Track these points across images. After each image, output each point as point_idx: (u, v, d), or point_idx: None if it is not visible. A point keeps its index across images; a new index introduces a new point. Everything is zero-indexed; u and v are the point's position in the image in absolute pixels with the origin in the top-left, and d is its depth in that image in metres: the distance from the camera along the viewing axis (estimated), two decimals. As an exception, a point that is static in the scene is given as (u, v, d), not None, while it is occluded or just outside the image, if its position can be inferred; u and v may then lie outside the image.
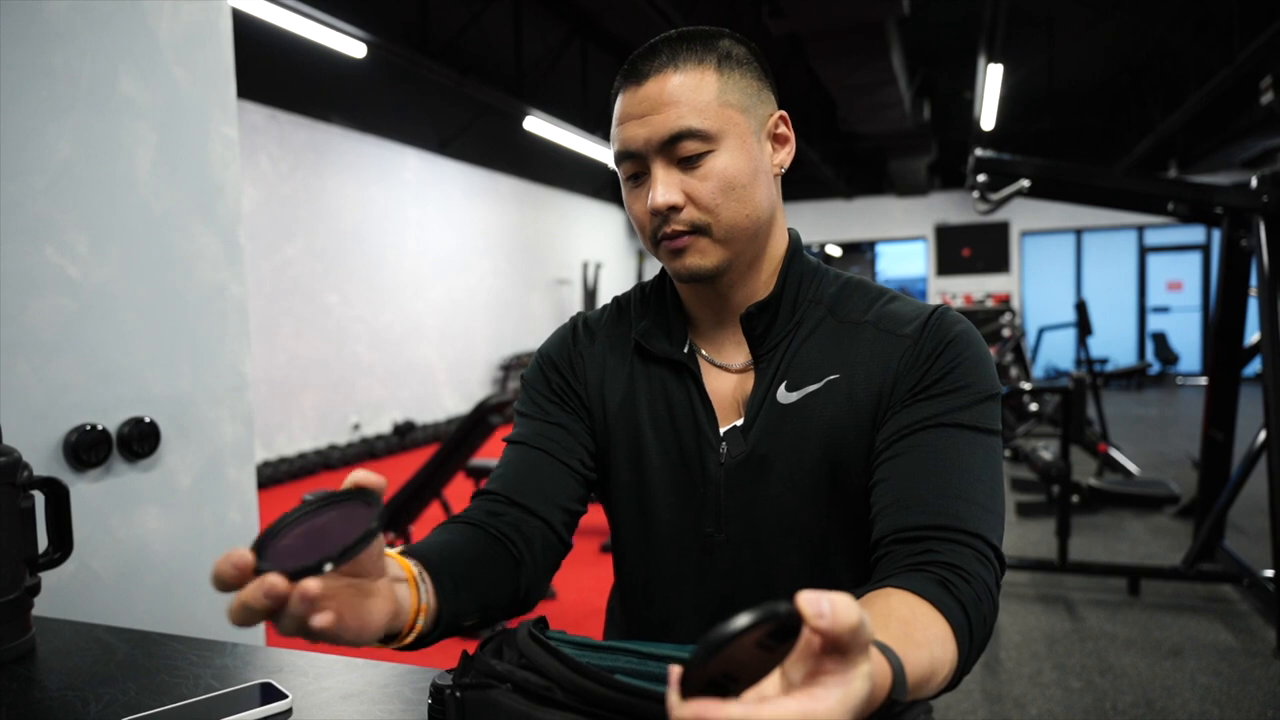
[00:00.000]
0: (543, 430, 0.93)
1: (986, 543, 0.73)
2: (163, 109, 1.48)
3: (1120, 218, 11.67)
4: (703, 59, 0.81)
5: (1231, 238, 3.50)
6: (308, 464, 6.79)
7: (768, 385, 0.85)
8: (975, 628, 0.67)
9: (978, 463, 0.76)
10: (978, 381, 0.80)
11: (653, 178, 0.81)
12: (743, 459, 0.85)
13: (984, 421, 0.78)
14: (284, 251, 6.94)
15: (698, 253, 0.82)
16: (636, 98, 0.81)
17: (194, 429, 1.53)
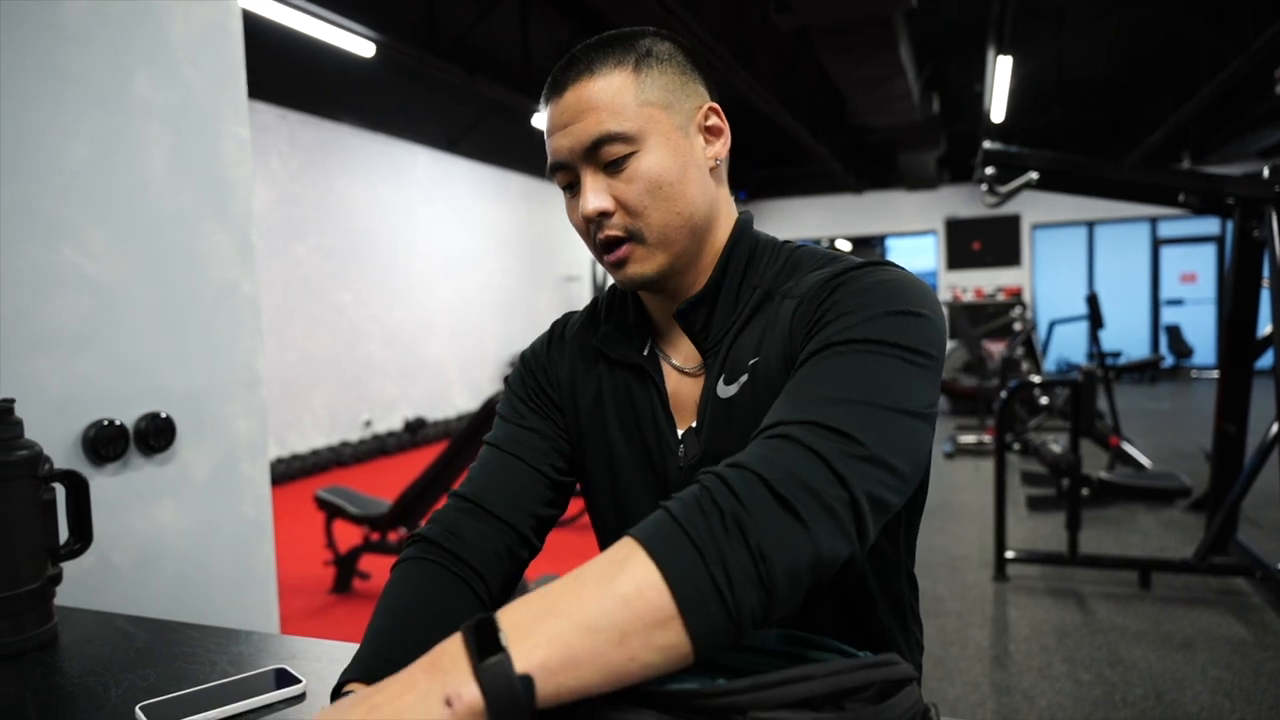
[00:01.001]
0: (516, 435, 0.92)
1: (799, 424, 0.61)
2: (176, 109, 1.50)
3: (1133, 210, 11.59)
4: (620, 61, 0.79)
5: (1243, 229, 3.49)
6: (320, 460, 6.84)
7: (713, 381, 0.83)
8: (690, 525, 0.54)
9: (855, 371, 0.65)
10: (870, 303, 0.70)
11: (581, 185, 0.81)
12: (696, 460, 0.83)
13: (877, 334, 0.67)
14: (295, 250, 6.99)
15: (637, 261, 0.81)
16: (559, 108, 0.80)
17: (208, 424, 1.56)
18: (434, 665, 0.51)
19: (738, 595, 0.52)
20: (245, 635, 1.04)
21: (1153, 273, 12.35)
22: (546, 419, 0.94)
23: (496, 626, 0.51)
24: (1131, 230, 12.35)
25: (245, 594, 1.63)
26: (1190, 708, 2.53)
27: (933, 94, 8.81)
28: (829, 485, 0.57)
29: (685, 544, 0.53)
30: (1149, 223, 12.22)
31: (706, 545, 0.53)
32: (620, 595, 0.51)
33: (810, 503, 0.55)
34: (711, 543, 0.53)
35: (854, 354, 0.66)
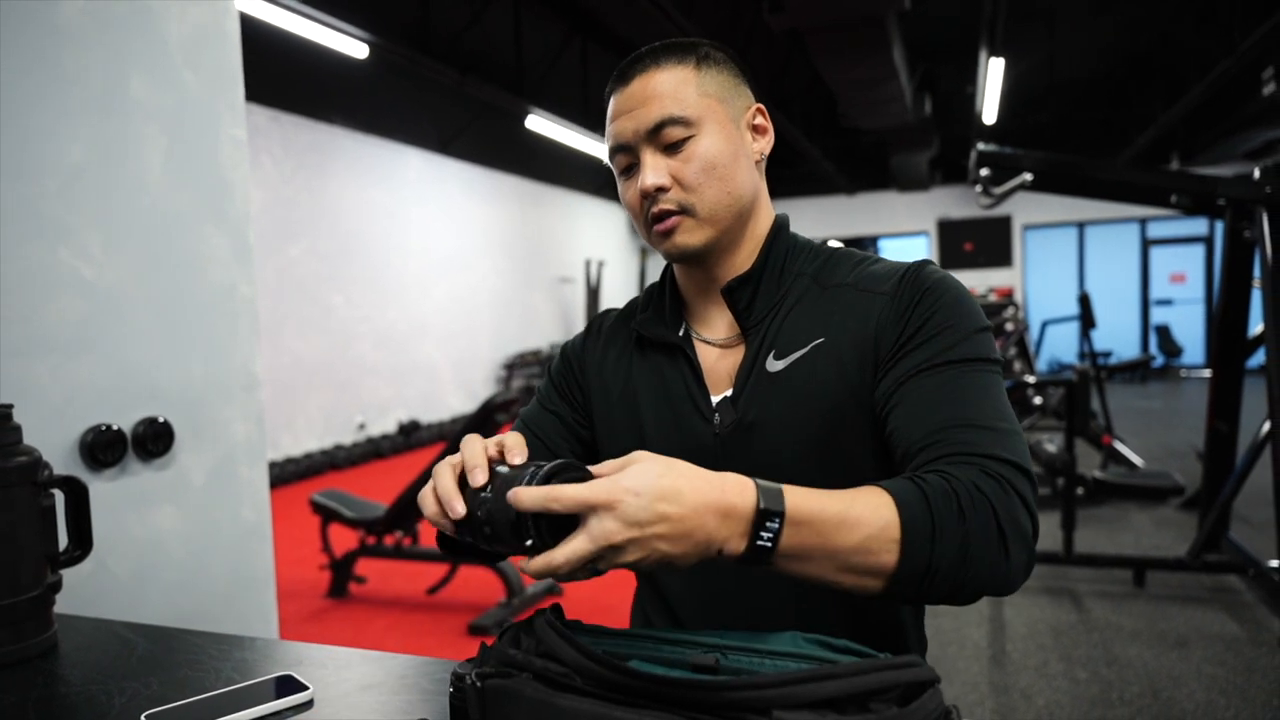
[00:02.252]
0: (540, 416, 1.03)
1: (995, 459, 0.72)
2: (173, 111, 1.49)
3: (1123, 211, 11.65)
4: (682, 59, 0.89)
5: (1234, 229, 3.51)
6: (314, 464, 6.82)
7: (755, 355, 0.90)
8: (938, 511, 0.67)
9: (978, 391, 0.78)
10: (960, 320, 0.82)
11: (641, 164, 0.88)
12: (733, 427, 0.89)
13: (976, 352, 0.80)
14: (288, 253, 6.96)
15: (684, 231, 0.89)
16: (624, 96, 0.89)
17: (207, 428, 1.55)
18: (726, 514, 0.64)
19: (936, 584, 0.67)
20: (248, 641, 1.03)
21: (1142, 273, 12.42)
22: (571, 405, 1.03)
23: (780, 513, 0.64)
24: (1121, 231, 12.42)
25: (244, 599, 1.62)
26: (1186, 705, 2.54)
27: (925, 96, 8.84)
28: (1029, 526, 0.71)
29: (926, 525, 0.67)
30: (1138, 223, 12.29)
31: (939, 531, 0.67)
32: (866, 543, 0.66)
33: (1020, 549, 0.69)
34: (942, 532, 0.67)
35: (977, 374, 0.79)
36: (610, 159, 0.93)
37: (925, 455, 0.74)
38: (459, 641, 3.25)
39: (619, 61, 0.93)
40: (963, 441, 0.73)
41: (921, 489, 0.68)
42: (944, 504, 0.67)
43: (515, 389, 9.96)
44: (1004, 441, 0.74)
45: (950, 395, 0.77)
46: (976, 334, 0.81)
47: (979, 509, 0.68)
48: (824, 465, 0.85)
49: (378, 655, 0.98)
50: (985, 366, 0.80)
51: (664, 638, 0.63)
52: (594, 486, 0.60)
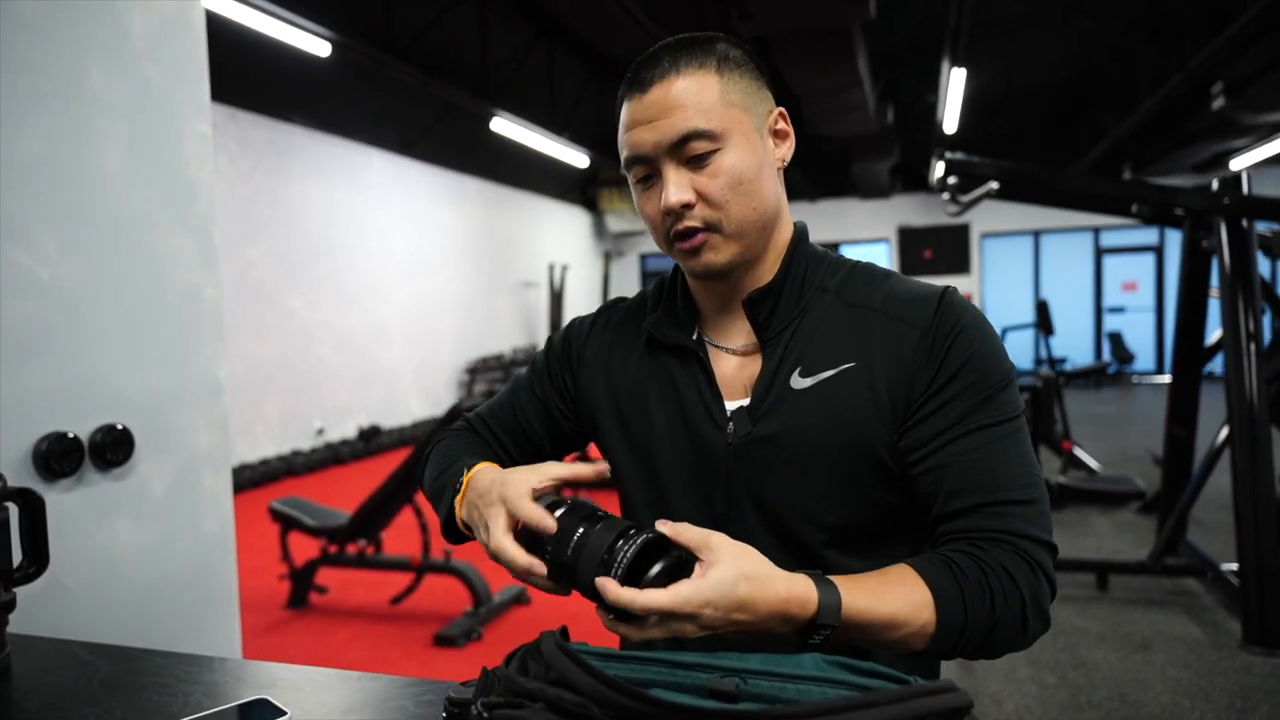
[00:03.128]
0: (528, 400, 1.05)
1: (1029, 539, 0.77)
2: (134, 105, 1.43)
3: (1077, 220, 11.90)
4: (703, 63, 0.85)
5: (1193, 239, 3.58)
6: (271, 470, 6.66)
7: (775, 368, 0.88)
8: (971, 602, 0.74)
9: (1009, 455, 0.80)
10: (992, 371, 0.83)
11: (664, 178, 0.84)
12: (749, 439, 0.87)
13: (1007, 411, 0.82)
14: (246, 254, 6.81)
15: (711, 249, 0.86)
16: (643, 104, 0.85)
17: (168, 436, 1.48)
18: (788, 620, 0.70)
19: (955, 655, 0.77)
20: (217, 663, 0.98)
21: (1095, 281, 12.69)
22: (559, 393, 1.03)
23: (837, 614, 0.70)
24: (1075, 240, 12.69)
25: (206, 615, 1.56)
26: (1153, 708, 2.57)
27: (887, 104, 8.94)
28: (1048, 600, 0.78)
29: (960, 620, 0.75)
30: (1092, 233, 12.56)
31: (970, 624, 0.75)
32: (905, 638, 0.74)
33: (1038, 624, 0.77)
34: (973, 625, 0.75)
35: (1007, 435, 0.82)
36: (626, 168, 0.90)
37: (960, 525, 0.79)
38: (425, 653, 3.18)
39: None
40: (997, 518, 0.78)
41: (960, 585, 0.75)
42: (978, 600, 0.74)
43: (478, 394, 9.85)
44: (1036, 518, 0.79)
45: (984, 464, 0.80)
46: (1005, 388, 0.83)
47: (1010, 601, 0.75)
48: (839, 488, 0.84)
49: (356, 676, 0.94)
50: (1014, 425, 0.82)
51: (677, 661, 0.60)
52: (678, 597, 0.66)
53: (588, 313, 1.08)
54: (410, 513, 3.73)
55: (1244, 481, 2.99)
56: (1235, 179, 3.22)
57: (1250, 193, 3.20)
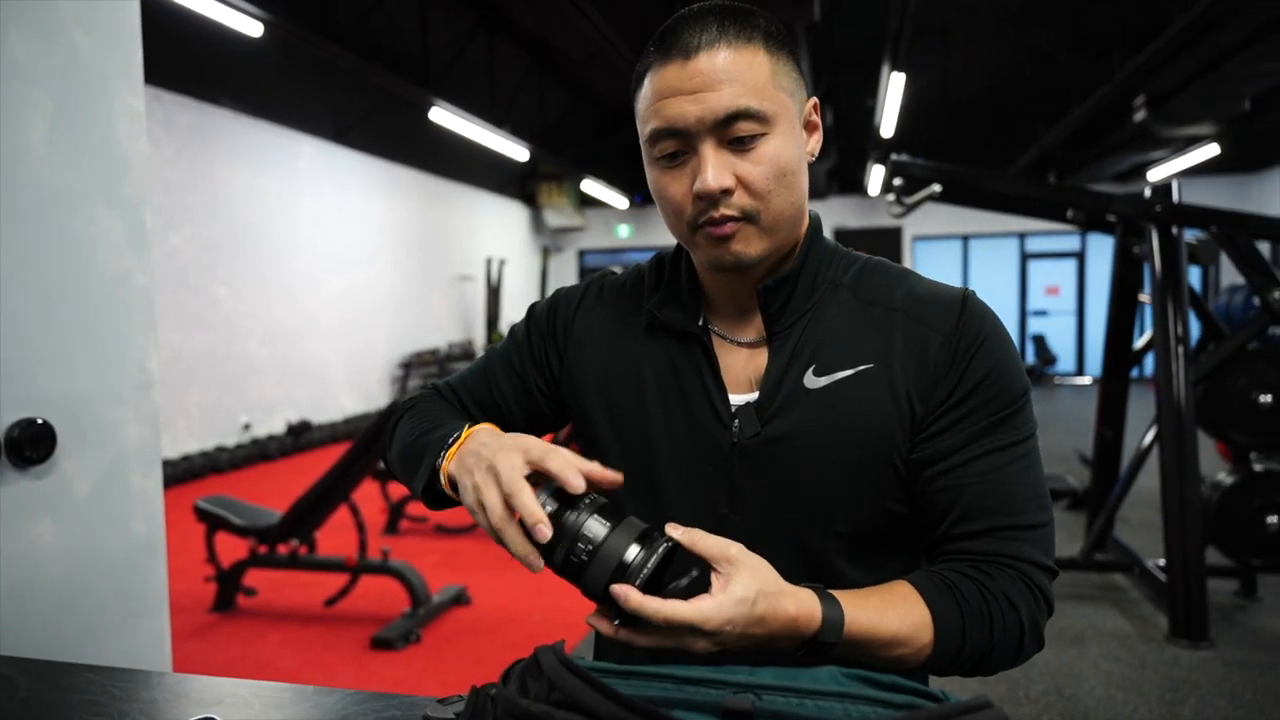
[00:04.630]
0: (505, 377, 0.98)
1: (1034, 565, 0.78)
2: (60, 75, 1.32)
3: (1004, 225, 12.26)
4: (751, 36, 0.77)
5: (1125, 245, 3.69)
6: (193, 467, 6.39)
7: (786, 364, 0.83)
8: (970, 628, 0.74)
9: (1025, 477, 0.79)
10: (1012, 386, 0.80)
11: (702, 158, 0.76)
12: (758, 439, 0.82)
13: (1024, 431, 0.80)
14: (169, 241, 6.52)
15: (743, 241, 0.79)
16: (686, 71, 0.75)
17: (94, 431, 1.38)
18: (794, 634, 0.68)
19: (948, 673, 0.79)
20: (155, 678, 0.90)
21: (1021, 285, 13.09)
22: (539, 371, 0.96)
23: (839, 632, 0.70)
24: (1002, 244, 13.06)
25: (134, 623, 1.45)
26: (1088, 701, 2.63)
27: (827, 108, 9.04)
28: (1044, 621, 0.79)
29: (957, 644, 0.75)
30: (1017, 238, 12.95)
31: (967, 648, 0.76)
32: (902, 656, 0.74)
33: (1033, 646, 0.79)
34: (970, 650, 0.76)
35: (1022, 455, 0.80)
36: (650, 142, 0.80)
37: (967, 546, 0.78)
38: (362, 656, 3.08)
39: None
40: (1006, 542, 0.77)
41: (961, 611, 0.74)
42: (977, 626, 0.74)
43: (412, 388, 9.65)
44: (1043, 542, 0.78)
45: (1002, 488, 0.78)
46: (1024, 407, 0.81)
47: (1009, 627, 0.75)
48: (855, 495, 0.81)
49: (311, 690, 0.87)
50: (1030, 444, 0.81)
51: (686, 677, 0.55)
52: (701, 613, 0.63)
53: (573, 285, 1.01)
54: (346, 511, 3.60)
55: (1171, 480, 3.09)
56: (1166, 188, 3.33)
57: (1180, 201, 3.31)
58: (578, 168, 10.58)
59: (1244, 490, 3.20)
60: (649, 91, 0.79)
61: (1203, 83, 6.40)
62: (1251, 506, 3.19)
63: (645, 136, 0.80)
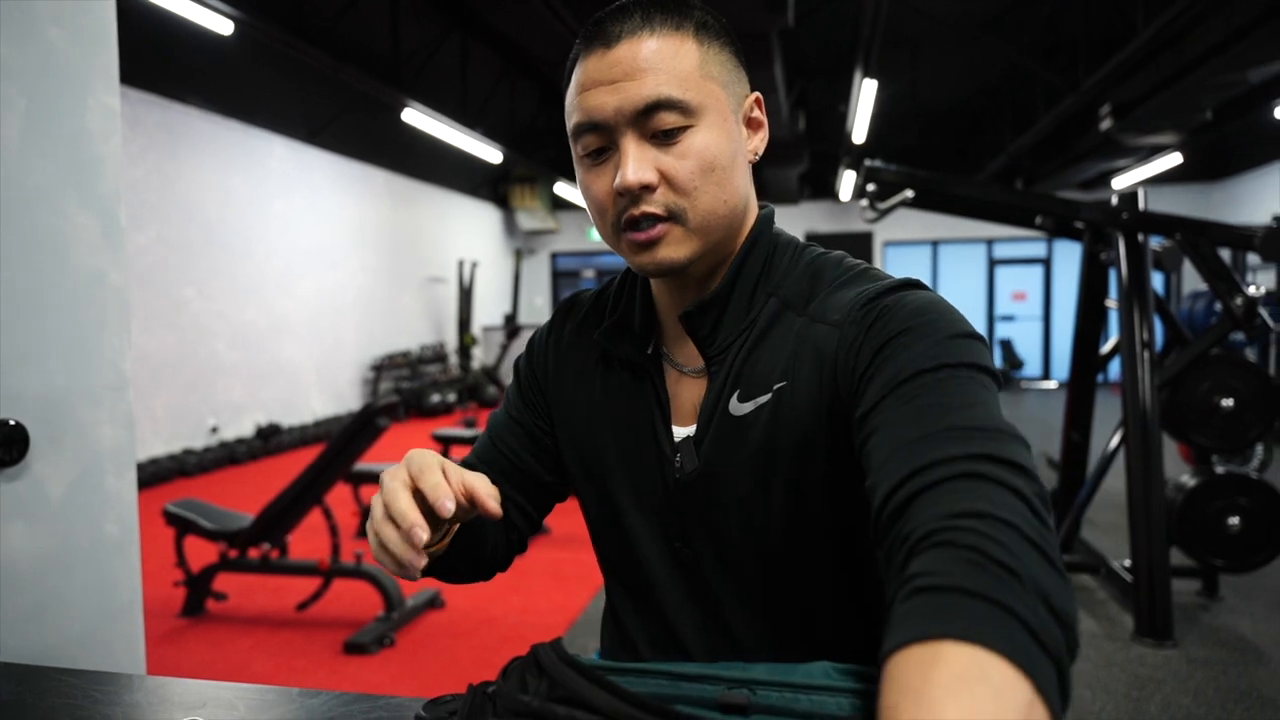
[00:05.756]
0: (505, 427, 0.93)
1: (979, 458, 0.54)
2: (34, 71, 1.30)
3: (972, 231, 12.42)
4: (680, 24, 0.73)
5: (1092, 251, 3.76)
6: (160, 470, 6.29)
7: (719, 393, 0.78)
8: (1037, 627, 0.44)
9: (952, 397, 0.61)
10: (929, 326, 0.66)
11: (622, 152, 0.72)
12: (696, 474, 0.79)
13: (955, 357, 0.63)
14: (134, 240, 6.42)
15: (672, 244, 0.74)
16: (605, 61, 0.72)
17: (68, 433, 1.36)
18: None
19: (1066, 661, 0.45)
20: (136, 680, 0.89)
21: (988, 290, 13.28)
22: (533, 411, 0.93)
23: None
24: (970, 250, 13.24)
25: (107, 626, 1.43)
26: (1056, 700, 2.68)
27: (799, 112, 9.12)
28: (1051, 525, 0.53)
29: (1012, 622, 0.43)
30: (985, 244, 13.13)
31: (1029, 617, 0.44)
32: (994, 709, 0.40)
33: (1053, 549, 0.50)
34: (1031, 614, 0.44)
35: (957, 379, 0.62)
36: (574, 138, 0.76)
37: (897, 473, 0.57)
38: (334, 661, 3.05)
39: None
40: (942, 449, 0.56)
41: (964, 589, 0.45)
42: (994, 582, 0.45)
43: (384, 391, 9.57)
44: (1001, 443, 0.56)
45: (923, 405, 0.60)
46: (955, 339, 0.65)
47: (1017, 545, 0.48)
48: (788, 518, 0.76)
49: (297, 692, 0.87)
50: (969, 372, 0.62)
51: (680, 673, 0.56)
52: None
53: (543, 323, 0.97)
54: (319, 514, 3.57)
55: (1137, 482, 3.15)
56: (1132, 195, 3.40)
57: (1146, 209, 3.38)
58: (550, 170, 10.57)
59: (1206, 492, 3.28)
60: (573, 84, 0.75)
61: (1166, 93, 6.54)
62: (1213, 508, 3.26)
63: (570, 131, 0.76)
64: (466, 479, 0.67)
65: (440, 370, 10.93)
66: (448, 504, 0.64)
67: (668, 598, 0.84)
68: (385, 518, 0.67)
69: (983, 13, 7.32)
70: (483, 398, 10.75)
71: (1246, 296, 3.22)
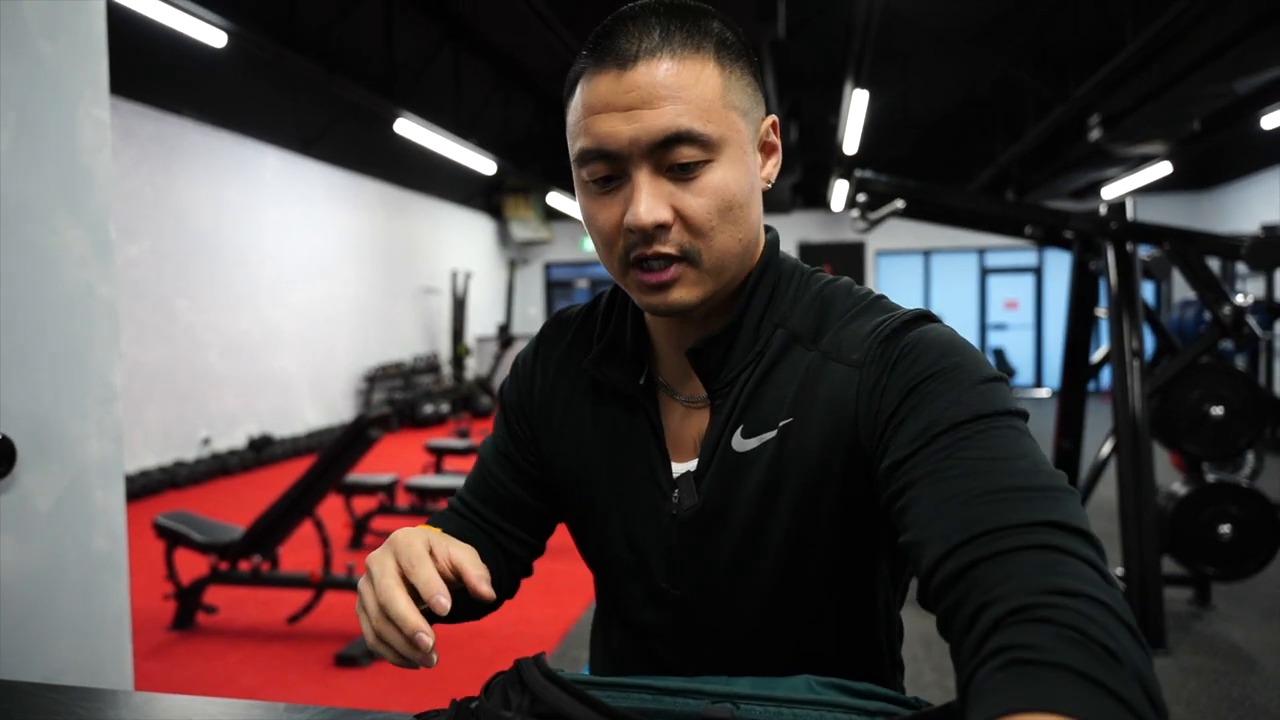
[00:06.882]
0: (495, 462, 0.90)
1: (1046, 526, 0.52)
2: (24, 84, 1.31)
3: (964, 241, 12.48)
4: (700, 44, 0.67)
5: (1081, 261, 3.78)
6: (151, 482, 6.26)
7: (723, 426, 0.75)
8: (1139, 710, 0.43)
9: (997, 450, 0.59)
10: (956, 372, 0.64)
11: (635, 186, 0.67)
12: (695, 512, 0.75)
13: (988, 406, 0.61)
14: (126, 252, 6.40)
15: (684, 287, 0.70)
16: (621, 85, 0.66)
17: (56, 446, 1.35)
18: None
19: None
20: (123, 697, 0.89)
21: (980, 299, 13.33)
22: (519, 443, 0.89)
23: None
24: (962, 259, 13.30)
25: (95, 642, 1.43)
26: (1049, 710, 2.67)
27: (792, 123, 9.16)
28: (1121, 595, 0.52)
29: (1116, 706, 0.42)
30: (977, 253, 13.19)
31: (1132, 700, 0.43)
32: None
33: (1137, 627, 0.49)
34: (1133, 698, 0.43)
35: (997, 429, 0.60)
36: (579, 163, 0.70)
37: (950, 540, 0.54)
38: (326, 674, 3.03)
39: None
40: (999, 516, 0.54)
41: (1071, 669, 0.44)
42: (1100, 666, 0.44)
43: (377, 402, 9.55)
44: (1056, 503, 0.54)
45: (962, 471, 0.58)
46: (984, 384, 0.63)
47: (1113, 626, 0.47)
48: (788, 561, 0.74)
49: (284, 707, 0.86)
50: (1006, 420, 0.61)
51: (663, 688, 0.56)
52: None
53: (528, 345, 0.93)
54: (310, 526, 3.55)
55: (1128, 491, 3.16)
56: (1121, 205, 3.42)
57: (1135, 218, 3.40)
58: (544, 180, 10.59)
59: (1197, 500, 3.29)
60: (579, 103, 0.69)
61: (1155, 103, 6.59)
62: (1205, 516, 3.28)
63: (574, 155, 0.70)
64: (454, 557, 0.66)
65: (434, 381, 10.92)
66: (442, 600, 0.62)
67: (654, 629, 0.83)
68: (384, 619, 0.64)
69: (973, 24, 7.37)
70: (476, 408, 10.73)
71: (1234, 305, 3.24)
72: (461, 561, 0.65)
